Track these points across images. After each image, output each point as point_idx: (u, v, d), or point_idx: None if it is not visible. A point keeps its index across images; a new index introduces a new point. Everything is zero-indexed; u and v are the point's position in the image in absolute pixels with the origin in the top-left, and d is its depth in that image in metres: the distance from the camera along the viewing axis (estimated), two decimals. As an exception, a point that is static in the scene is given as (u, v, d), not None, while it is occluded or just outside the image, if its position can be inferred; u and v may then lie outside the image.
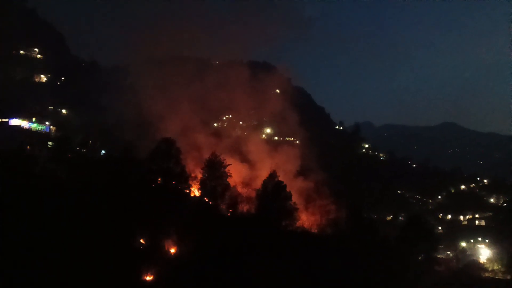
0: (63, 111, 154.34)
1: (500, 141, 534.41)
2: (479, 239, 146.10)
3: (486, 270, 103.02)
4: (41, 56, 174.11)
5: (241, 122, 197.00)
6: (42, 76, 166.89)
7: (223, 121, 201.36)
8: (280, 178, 75.94)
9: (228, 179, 75.75)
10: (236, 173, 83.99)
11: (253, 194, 78.45)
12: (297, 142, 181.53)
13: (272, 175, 75.51)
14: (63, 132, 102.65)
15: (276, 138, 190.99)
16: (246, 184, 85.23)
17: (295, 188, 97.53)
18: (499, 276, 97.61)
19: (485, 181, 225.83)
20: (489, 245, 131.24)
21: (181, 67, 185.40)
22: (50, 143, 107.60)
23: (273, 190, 72.64)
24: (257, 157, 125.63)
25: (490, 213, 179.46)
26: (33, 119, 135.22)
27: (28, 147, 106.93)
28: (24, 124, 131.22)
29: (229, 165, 76.41)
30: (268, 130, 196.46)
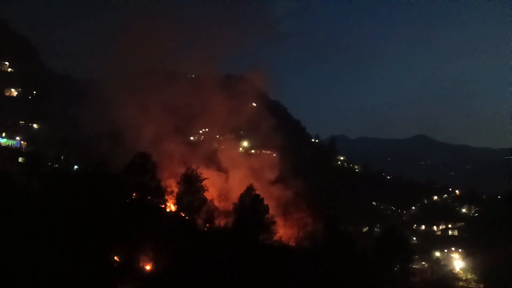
0: (35, 125, 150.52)
1: (470, 153, 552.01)
2: (453, 249, 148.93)
3: (460, 279, 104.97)
4: (12, 70, 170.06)
5: (217, 136, 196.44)
6: (12, 90, 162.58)
7: (200, 134, 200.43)
8: (258, 192, 75.83)
9: (204, 193, 75.10)
10: (212, 186, 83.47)
11: (230, 207, 77.97)
12: (274, 155, 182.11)
13: (249, 189, 75.35)
14: (35, 147, 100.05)
15: (253, 151, 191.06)
16: (223, 197, 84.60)
17: (273, 201, 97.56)
18: (473, 285, 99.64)
19: (457, 192, 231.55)
20: (462, 255, 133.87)
21: (156, 80, 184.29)
22: (20, 158, 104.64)
23: (250, 203, 72.44)
24: (234, 170, 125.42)
25: (463, 223, 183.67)
26: (3, 134, 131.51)
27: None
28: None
29: (205, 179, 75.77)
30: (245, 143, 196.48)
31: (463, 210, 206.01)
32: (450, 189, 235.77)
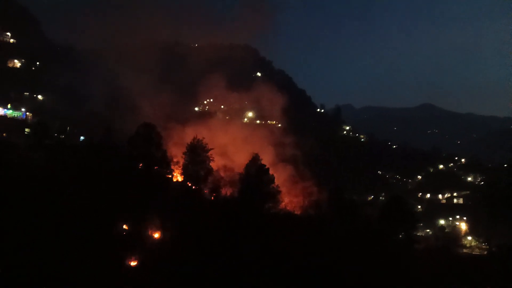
0: (39, 97, 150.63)
1: (477, 121, 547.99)
2: (457, 217, 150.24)
3: (464, 246, 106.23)
4: (14, 41, 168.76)
5: (222, 106, 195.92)
6: (16, 61, 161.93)
7: (204, 105, 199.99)
8: (263, 162, 76.04)
9: (210, 163, 75.50)
10: (218, 156, 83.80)
11: (236, 177, 78.46)
12: (279, 125, 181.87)
13: (255, 159, 75.51)
14: (40, 118, 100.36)
15: (258, 121, 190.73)
16: (228, 168, 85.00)
17: (278, 170, 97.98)
18: (476, 252, 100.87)
19: (463, 160, 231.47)
20: (466, 223, 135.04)
21: (160, 50, 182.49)
22: (27, 129, 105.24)
23: (255, 173, 72.73)
24: (239, 141, 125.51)
25: (468, 192, 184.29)
26: (8, 106, 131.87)
27: (4, 134, 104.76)
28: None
29: (211, 149, 76.00)
30: (250, 114, 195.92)
31: (469, 179, 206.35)
32: (456, 158, 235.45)
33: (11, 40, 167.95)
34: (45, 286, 39.79)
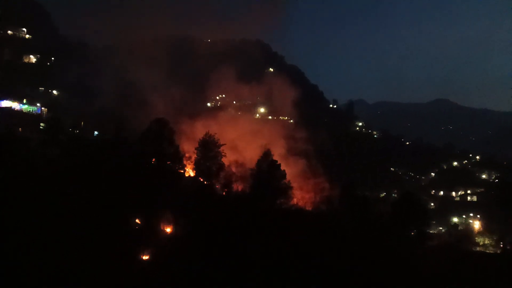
0: (54, 92, 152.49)
1: (492, 117, 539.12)
2: (471, 214, 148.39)
3: (477, 244, 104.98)
4: (30, 36, 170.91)
5: (234, 102, 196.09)
6: (31, 56, 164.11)
7: (217, 100, 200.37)
8: (274, 157, 76.03)
9: (222, 159, 75.77)
10: (230, 151, 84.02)
11: (248, 173, 78.63)
12: (291, 121, 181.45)
13: (267, 154, 75.52)
14: (54, 113, 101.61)
15: (270, 117, 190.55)
16: (240, 163, 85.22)
17: (290, 166, 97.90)
18: (490, 250, 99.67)
19: (477, 157, 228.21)
20: (480, 220, 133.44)
21: (172, 45, 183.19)
22: (42, 124, 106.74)
23: (267, 169, 72.77)
24: (250, 136, 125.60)
25: (482, 189, 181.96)
26: (24, 101, 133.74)
27: (20, 129, 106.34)
28: (15, 105, 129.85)
29: (223, 144, 76.24)
30: (262, 109, 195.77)
31: (483, 176, 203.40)
32: (470, 155, 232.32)
33: (27, 36, 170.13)
34: (58, 280, 40.41)
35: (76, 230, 44.97)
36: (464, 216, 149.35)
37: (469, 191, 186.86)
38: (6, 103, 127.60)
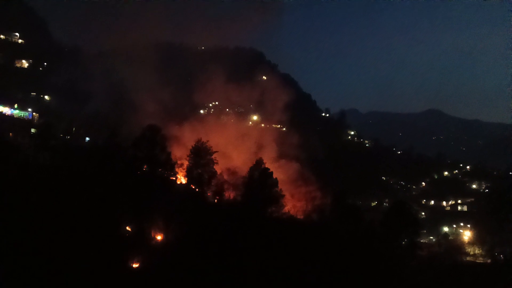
0: (46, 97, 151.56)
1: (483, 128, 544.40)
2: (461, 224, 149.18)
3: (467, 254, 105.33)
4: (22, 41, 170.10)
5: (227, 109, 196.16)
6: (23, 61, 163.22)
7: (209, 107, 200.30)
8: (266, 165, 76.07)
9: (214, 166, 75.60)
10: (222, 159, 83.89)
11: (240, 181, 78.54)
12: (284, 129, 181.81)
13: (258, 162, 75.52)
14: (46, 119, 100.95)
15: (262, 125, 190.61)
16: (232, 171, 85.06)
17: (281, 174, 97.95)
18: (480, 260, 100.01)
19: (468, 167, 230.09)
20: (470, 230, 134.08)
21: (166, 52, 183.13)
22: (33, 130, 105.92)
23: (259, 177, 72.74)
24: (243, 144, 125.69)
25: (472, 199, 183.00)
26: (15, 106, 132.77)
27: (10, 134, 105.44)
28: (6, 110, 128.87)
29: (215, 152, 76.13)
30: (255, 117, 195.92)
31: (474, 186, 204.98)
32: (461, 165, 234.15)
33: (20, 41, 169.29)
34: (48, 286, 39.97)
35: (66, 237, 44.56)
36: (454, 226, 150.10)
37: (459, 201, 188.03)
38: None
